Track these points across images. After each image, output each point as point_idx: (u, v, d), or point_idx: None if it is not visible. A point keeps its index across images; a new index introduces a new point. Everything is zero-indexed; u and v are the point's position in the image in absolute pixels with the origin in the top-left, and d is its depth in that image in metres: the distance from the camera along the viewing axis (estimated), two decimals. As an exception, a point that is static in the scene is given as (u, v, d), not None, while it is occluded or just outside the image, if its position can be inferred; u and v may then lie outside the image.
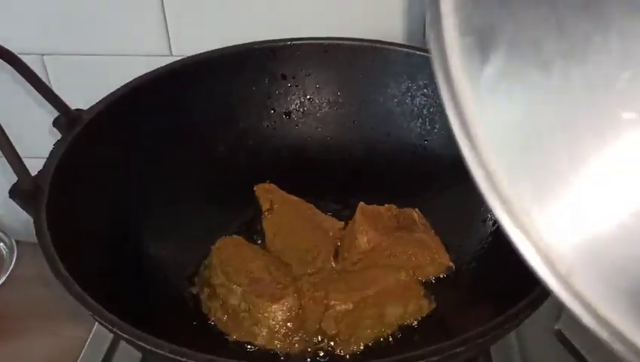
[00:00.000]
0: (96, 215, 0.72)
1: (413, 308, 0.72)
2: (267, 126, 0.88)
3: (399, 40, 0.85)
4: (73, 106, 0.74)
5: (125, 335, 0.54)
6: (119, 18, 0.91)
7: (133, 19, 0.91)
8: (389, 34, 0.85)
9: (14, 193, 0.64)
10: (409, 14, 0.88)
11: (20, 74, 0.69)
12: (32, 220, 0.63)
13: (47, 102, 0.72)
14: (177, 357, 0.51)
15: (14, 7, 0.91)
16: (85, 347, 0.83)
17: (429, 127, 0.85)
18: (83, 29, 0.92)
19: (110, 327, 0.54)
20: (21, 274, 0.96)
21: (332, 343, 0.70)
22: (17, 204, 0.64)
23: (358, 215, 0.79)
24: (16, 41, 0.71)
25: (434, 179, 0.84)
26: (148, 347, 0.52)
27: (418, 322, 0.73)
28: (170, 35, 0.92)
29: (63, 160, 0.69)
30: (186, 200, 0.82)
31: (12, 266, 0.96)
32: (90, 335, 0.84)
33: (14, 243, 0.99)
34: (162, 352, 0.52)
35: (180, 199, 0.81)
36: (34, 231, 0.62)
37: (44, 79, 0.73)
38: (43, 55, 0.94)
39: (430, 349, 0.51)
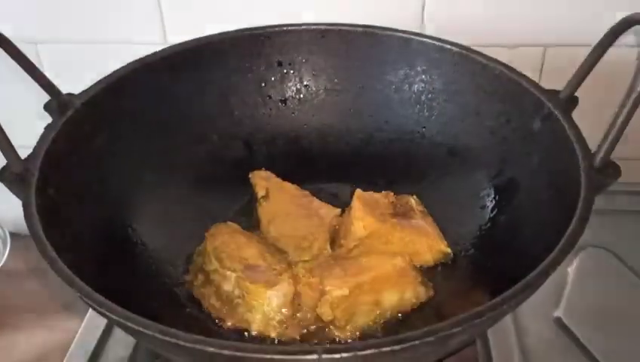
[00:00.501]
0: (87, 200, 0.71)
1: (410, 295, 0.71)
2: (263, 113, 0.87)
3: (397, 25, 0.83)
4: (66, 94, 0.73)
5: (114, 316, 0.52)
6: (114, 5, 0.90)
7: (129, 7, 0.90)
8: (387, 19, 0.84)
9: (3, 176, 0.63)
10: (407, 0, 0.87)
11: (12, 57, 0.68)
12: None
13: (38, 89, 0.71)
14: (167, 339, 0.50)
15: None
16: (76, 337, 0.82)
17: (427, 114, 0.84)
18: (77, 16, 0.92)
19: (99, 309, 0.53)
20: (14, 266, 0.94)
21: (328, 329, 0.69)
22: (6, 186, 0.63)
23: (354, 201, 0.78)
24: (10, 28, 0.69)
25: (432, 166, 0.83)
26: (137, 328, 0.51)
27: (415, 309, 0.71)
28: (165, 22, 0.91)
29: (53, 144, 0.68)
30: (179, 187, 0.81)
31: (5, 258, 0.94)
32: (82, 326, 0.82)
33: (8, 234, 0.97)
34: (152, 333, 0.51)
35: (173, 186, 0.80)
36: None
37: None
38: (37, 43, 0.93)
39: (426, 330, 0.49)
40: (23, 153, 0.65)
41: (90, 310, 0.78)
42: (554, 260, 0.55)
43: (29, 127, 0.71)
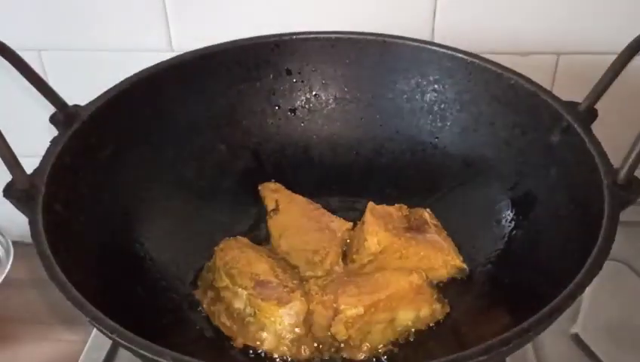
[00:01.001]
0: (94, 215, 0.69)
1: (426, 313, 0.70)
2: (272, 123, 0.85)
3: (408, 34, 0.82)
4: (71, 103, 0.71)
5: (125, 343, 0.51)
6: (119, 13, 0.89)
7: (134, 14, 0.89)
8: (398, 28, 0.83)
9: (9, 192, 0.61)
10: (418, 7, 0.86)
11: (16, 68, 0.67)
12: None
13: (43, 100, 0.70)
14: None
15: (11, 2, 0.89)
16: (83, 354, 0.80)
17: (439, 124, 0.82)
18: (81, 23, 0.90)
19: (110, 334, 0.52)
20: (18, 276, 0.93)
21: (342, 349, 0.67)
22: (12, 203, 0.61)
23: (367, 215, 0.76)
24: (14, 36, 0.68)
25: (445, 178, 0.82)
26: (149, 355, 0.50)
27: (431, 326, 0.70)
28: (170, 29, 0.89)
29: (59, 157, 0.66)
30: (187, 200, 0.79)
31: (8, 268, 0.93)
32: (89, 342, 0.81)
33: (11, 244, 0.96)
34: (164, 361, 0.49)
35: (181, 198, 0.79)
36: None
37: (41, 75, 0.70)
38: (40, 50, 0.92)
39: (450, 358, 0.48)
40: (29, 162, 0.64)
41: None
42: (581, 282, 0.53)
43: (35, 137, 0.69)
